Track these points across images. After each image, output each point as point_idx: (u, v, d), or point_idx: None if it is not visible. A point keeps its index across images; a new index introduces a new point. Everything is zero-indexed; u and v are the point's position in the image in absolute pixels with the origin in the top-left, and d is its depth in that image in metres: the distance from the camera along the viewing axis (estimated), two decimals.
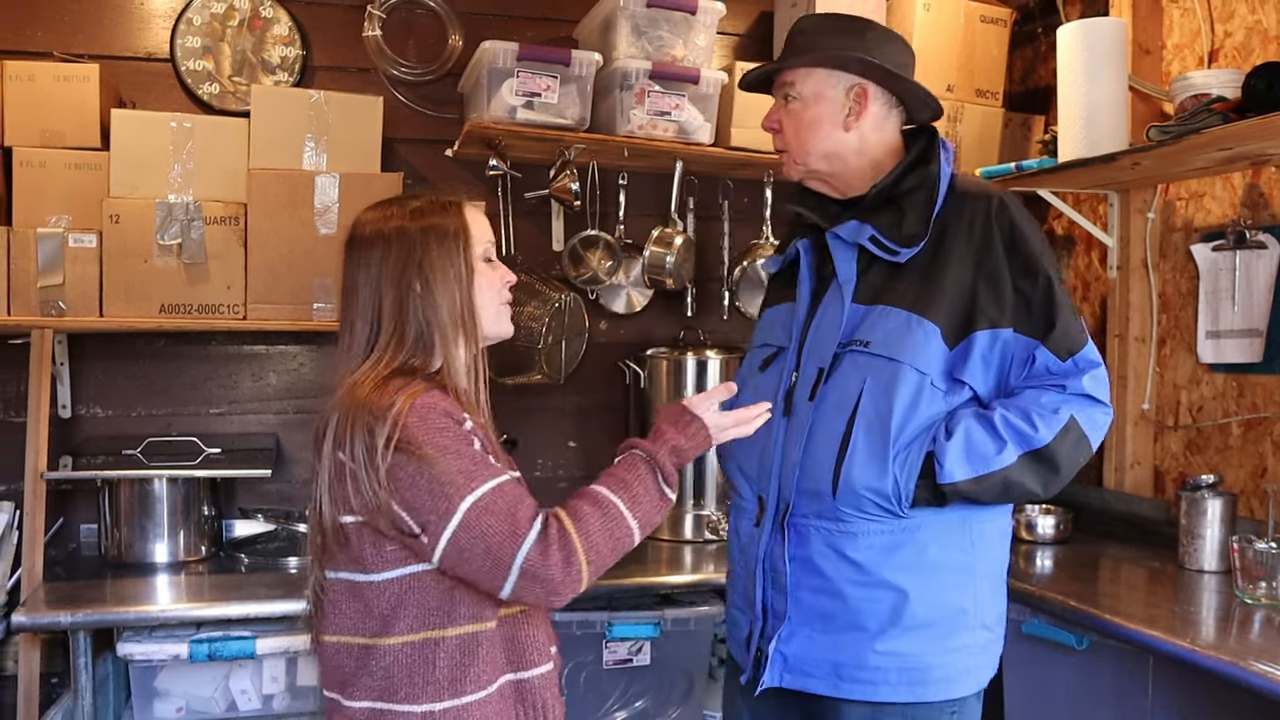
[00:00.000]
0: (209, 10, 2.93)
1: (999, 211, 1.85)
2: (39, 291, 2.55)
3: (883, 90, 1.92)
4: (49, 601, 2.34)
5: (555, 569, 1.50)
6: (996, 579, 1.91)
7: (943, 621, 1.82)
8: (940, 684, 1.82)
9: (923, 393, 1.80)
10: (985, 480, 1.77)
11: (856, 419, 1.80)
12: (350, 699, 1.61)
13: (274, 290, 2.67)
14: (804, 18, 2.01)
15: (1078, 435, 1.79)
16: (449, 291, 1.64)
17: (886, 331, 1.82)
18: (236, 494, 2.99)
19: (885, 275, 1.87)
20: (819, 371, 1.87)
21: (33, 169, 2.60)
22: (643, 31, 2.87)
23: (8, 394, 2.84)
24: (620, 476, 1.62)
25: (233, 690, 2.48)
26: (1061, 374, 1.80)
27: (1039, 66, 3.40)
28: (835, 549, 1.83)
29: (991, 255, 1.83)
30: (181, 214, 2.61)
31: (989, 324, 1.81)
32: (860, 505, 1.80)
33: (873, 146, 1.93)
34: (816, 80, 1.91)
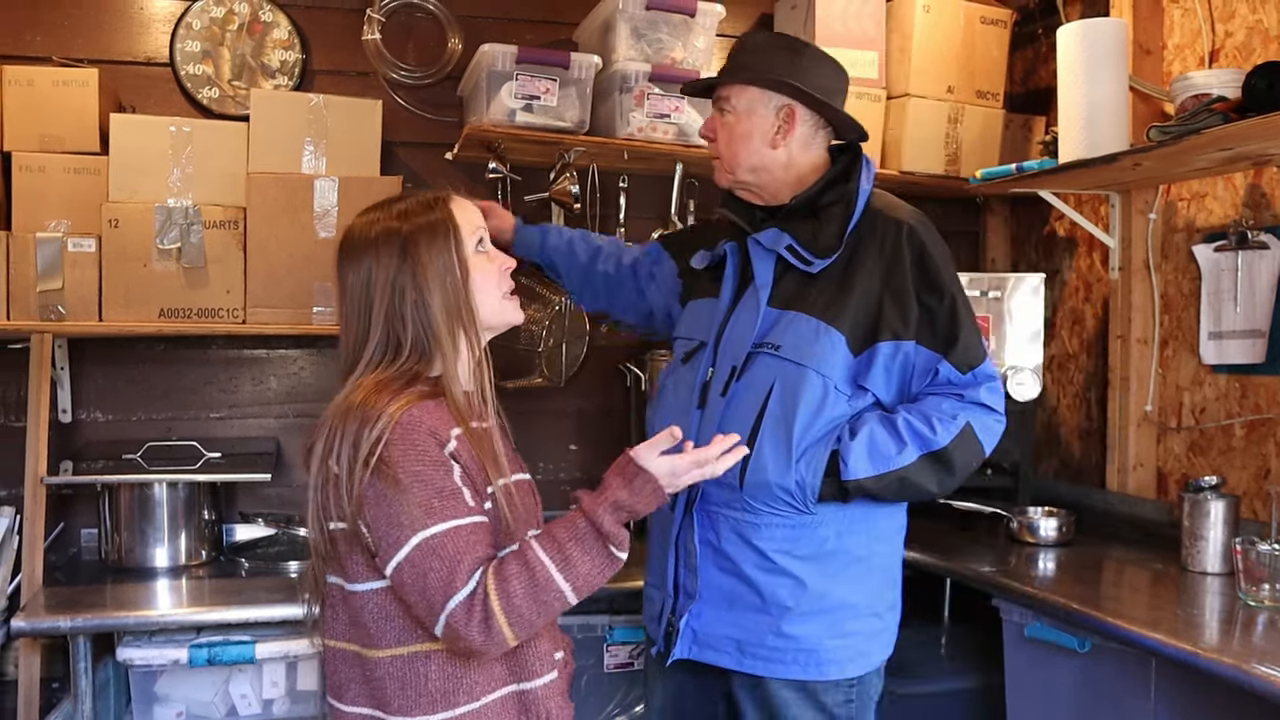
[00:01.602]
0: (208, 15, 2.93)
1: (910, 234, 1.99)
2: (38, 296, 2.55)
3: (810, 112, 2.06)
4: (49, 606, 2.33)
5: (475, 631, 1.48)
6: (891, 571, 2.08)
7: (838, 609, 1.98)
8: (835, 665, 1.98)
9: (827, 397, 1.94)
10: (886, 478, 1.92)
11: (764, 418, 1.94)
12: (347, 705, 1.61)
13: (274, 294, 2.67)
14: (748, 34, 2.16)
15: (972, 440, 1.95)
16: (442, 292, 1.62)
17: (796, 337, 1.96)
18: (237, 498, 2.99)
19: (799, 283, 2.01)
20: (732, 370, 2.01)
21: (32, 174, 2.59)
22: (642, 34, 2.87)
23: (7, 399, 2.83)
24: (555, 537, 1.55)
25: (233, 695, 2.48)
26: (961, 385, 1.96)
27: (1039, 67, 3.40)
28: (741, 536, 1.98)
29: (899, 273, 1.97)
30: (181, 218, 2.61)
31: (892, 336, 1.95)
32: (765, 498, 1.95)
33: (798, 162, 2.07)
34: (750, 98, 2.05)
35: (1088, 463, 3.21)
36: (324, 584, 1.64)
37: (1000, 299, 2.95)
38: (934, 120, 3.16)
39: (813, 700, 1.99)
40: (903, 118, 3.14)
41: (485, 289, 1.69)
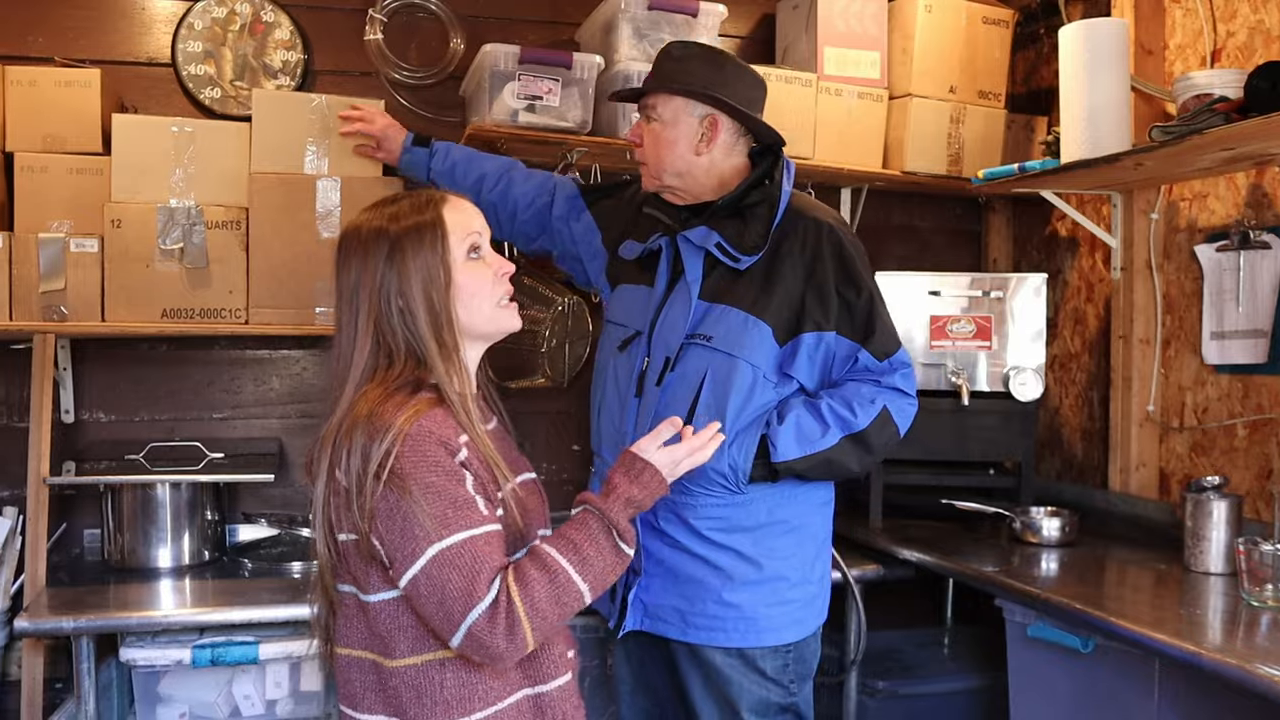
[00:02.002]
0: (210, 15, 2.93)
1: (829, 234, 2.14)
2: (41, 297, 2.55)
3: (732, 121, 2.19)
4: (52, 607, 2.33)
5: (500, 639, 1.47)
6: (821, 541, 2.25)
7: (774, 579, 2.14)
8: (772, 632, 2.14)
9: (756, 384, 2.10)
10: (812, 459, 2.08)
11: (698, 406, 2.09)
12: (362, 713, 1.60)
13: (276, 294, 2.67)
14: (673, 43, 2.27)
15: (888, 421, 2.12)
16: (425, 299, 1.58)
17: (726, 329, 2.11)
18: (240, 499, 2.99)
19: (727, 278, 2.15)
20: (666, 360, 2.15)
21: (34, 174, 2.59)
22: (644, 34, 2.86)
23: (10, 399, 2.84)
24: (570, 538, 1.56)
25: (236, 696, 2.48)
26: (878, 371, 2.13)
27: (1041, 67, 3.40)
28: (678, 515, 2.14)
29: (820, 269, 2.12)
30: (183, 218, 2.61)
31: (814, 327, 2.11)
32: (700, 481, 2.08)
33: (720, 167, 2.20)
34: (675, 107, 2.18)
35: (1090, 463, 3.21)
36: (334, 592, 1.63)
37: (1002, 299, 2.95)
38: (936, 120, 3.16)
39: (752, 666, 2.14)
40: (905, 118, 3.14)
41: (478, 297, 1.64)
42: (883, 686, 2.73)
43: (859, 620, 2.61)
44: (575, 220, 2.50)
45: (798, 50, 3.18)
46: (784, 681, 2.17)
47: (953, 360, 2.95)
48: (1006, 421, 2.95)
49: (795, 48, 3.20)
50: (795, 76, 3.03)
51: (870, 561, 2.70)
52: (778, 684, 2.17)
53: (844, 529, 2.90)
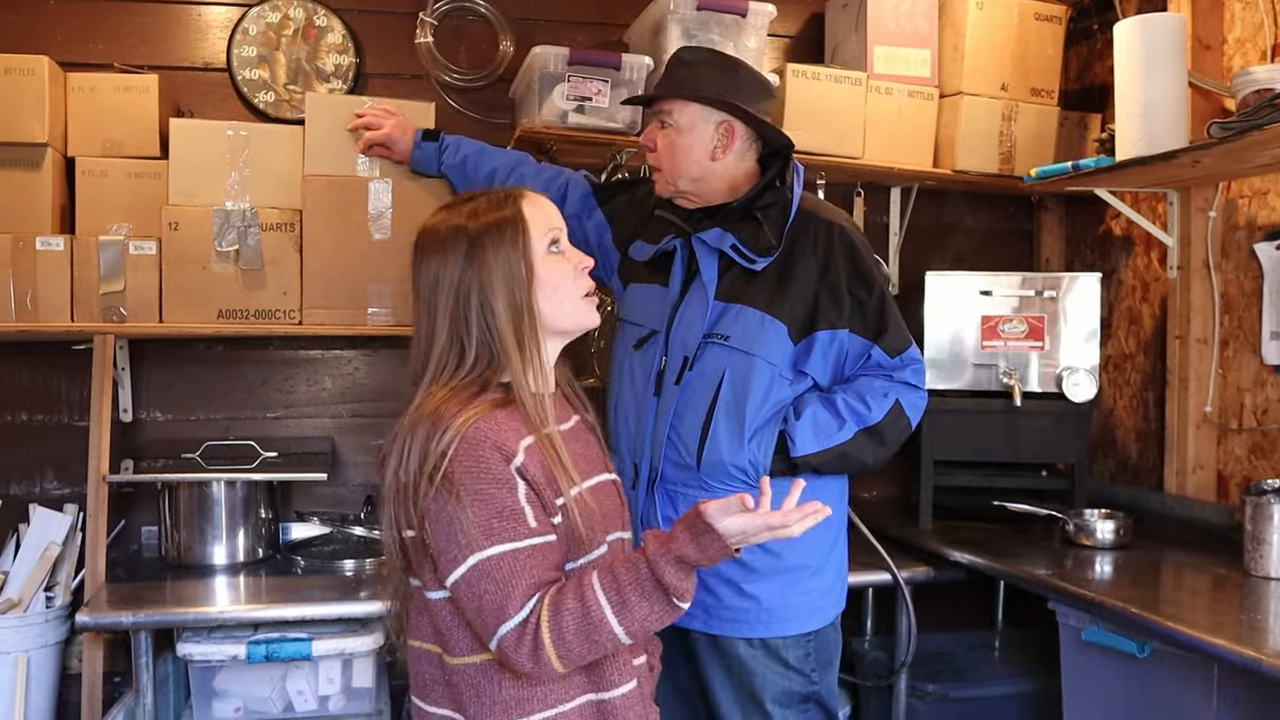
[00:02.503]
0: (264, 20, 2.98)
1: (841, 234, 2.19)
2: (101, 298, 2.60)
3: (746, 127, 2.22)
4: (111, 602, 2.38)
5: (524, 658, 1.47)
6: (838, 533, 2.29)
7: (792, 570, 2.18)
8: (794, 621, 2.19)
9: (773, 382, 2.15)
10: (829, 453, 2.14)
11: (718, 403, 2.14)
12: (430, 705, 1.62)
13: (329, 295, 2.70)
14: (686, 49, 2.32)
15: (900, 415, 2.18)
16: (507, 296, 1.57)
17: (744, 328, 2.15)
18: (293, 497, 3.03)
19: (743, 278, 2.19)
20: (684, 359, 2.19)
21: (95, 178, 2.65)
22: (693, 34, 2.86)
23: (71, 399, 2.90)
24: (617, 579, 1.49)
25: (289, 691, 2.51)
26: (890, 367, 2.18)
27: (1095, 64, 3.35)
28: None
29: (832, 269, 2.16)
30: (238, 221, 2.64)
31: (828, 325, 2.16)
32: (722, 476, 2.15)
33: (733, 172, 2.24)
34: (691, 113, 2.21)
35: (1145, 465, 3.16)
36: (405, 587, 1.64)
37: (1055, 299, 2.91)
38: (988, 118, 3.13)
39: (775, 656, 2.18)
40: (956, 116, 3.11)
41: (560, 290, 1.63)
42: (933, 689, 2.71)
43: (909, 622, 2.59)
44: (588, 218, 2.53)
45: (847, 49, 3.16)
46: (806, 670, 2.21)
47: (1005, 361, 2.92)
48: (1059, 423, 2.92)
49: (845, 47, 3.18)
50: (845, 75, 3.01)
51: (920, 563, 2.68)
52: (800, 673, 2.21)
53: (894, 530, 2.88)
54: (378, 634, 2.45)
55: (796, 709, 2.22)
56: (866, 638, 3.09)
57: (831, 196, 3.15)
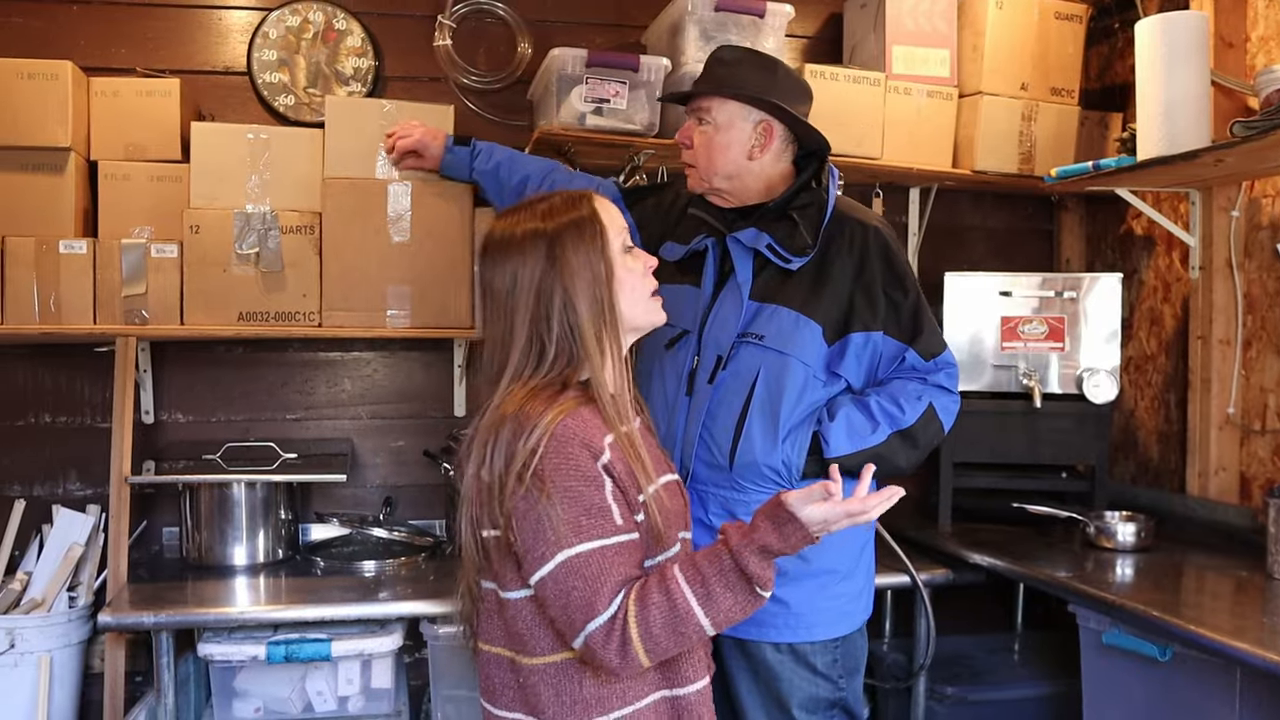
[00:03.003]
0: (284, 24, 2.99)
1: (876, 236, 2.18)
2: (123, 301, 2.62)
3: (784, 127, 2.22)
4: (133, 602, 2.40)
5: (612, 655, 1.48)
6: (866, 538, 2.26)
7: (823, 574, 2.16)
8: (822, 626, 2.17)
9: (808, 383, 2.13)
10: (862, 454, 2.08)
11: (752, 403, 2.12)
12: (500, 709, 1.62)
13: (349, 298, 2.71)
14: (724, 47, 2.31)
15: (933, 418, 2.16)
16: (589, 294, 1.59)
17: (778, 328, 2.14)
18: (312, 499, 3.04)
19: (778, 278, 2.17)
20: (718, 359, 2.17)
21: (117, 181, 2.67)
22: (711, 36, 2.86)
23: (94, 400, 2.92)
24: (701, 570, 1.51)
25: (309, 691, 2.52)
26: (924, 370, 2.17)
27: (1116, 63, 3.33)
28: (729, 512, 2.15)
29: (867, 271, 2.15)
30: (259, 223, 2.66)
31: (863, 327, 2.15)
32: (753, 477, 2.13)
33: (769, 172, 2.23)
34: (730, 111, 2.20)
35: (1166, 466, 3.14)
36: (477, 589, 1.65)
37: (1076, 299, 2.89)
38: (1007, 118, 3.12)
39: (803, 661, 2.16)
40: (975, 116, 3.09)
41: (633, 290, 1.66)
42: (952, 692, 2.70)
43: (928, 625, 2.58)
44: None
45: (866, 49, 3.15)
46: (833, 676, 2.19)
47: (1025, 362, 2.91)
48: (1080, 424, 2.90)
49: (863, 47, 3.17)
50: (864, 76, 3.01)
51: (939, 565, 2.67)
52: (827, 679, 2.18)
53: (913, 532, 2.87)
54: (396, 635, 2.46)
55: (823, 715, 2.20)
56: (885, 640, 3.08)
57: (850, 196, 3.13)
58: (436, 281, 2.73)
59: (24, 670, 2.57)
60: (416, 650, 2.82)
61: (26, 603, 2.63)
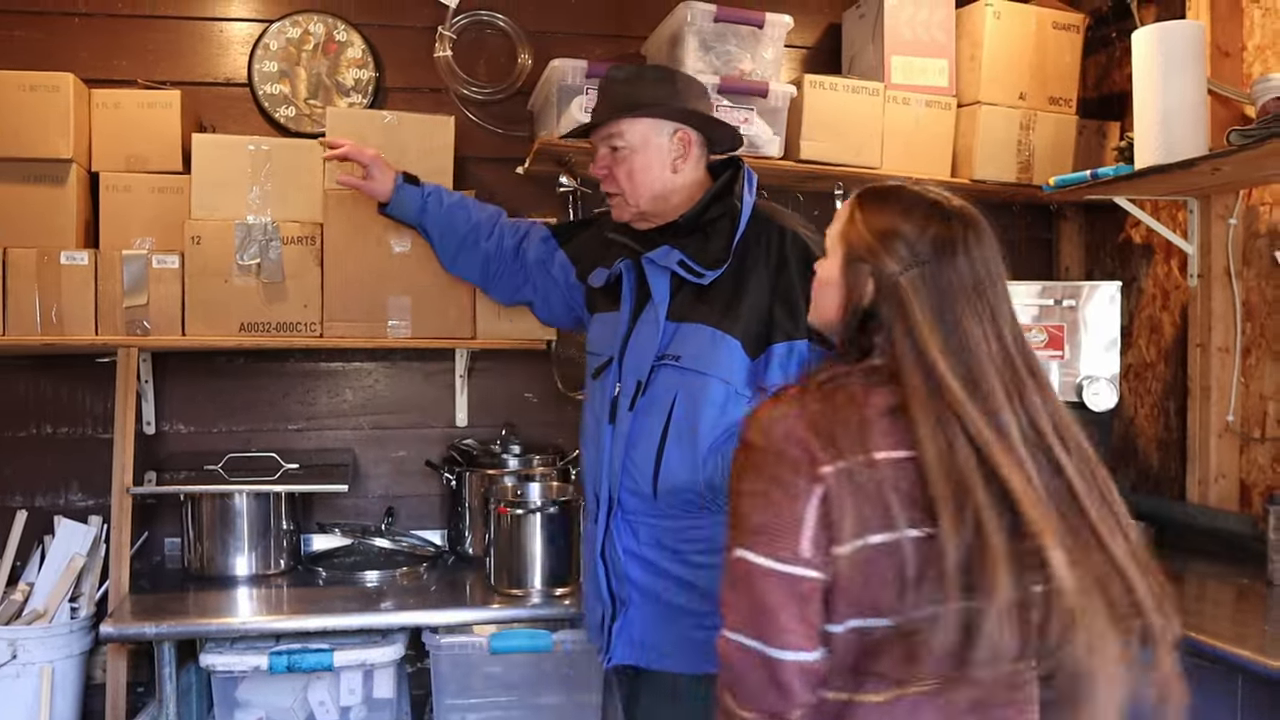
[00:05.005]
0: (285, 35, 3.00)
1: (794, 240, 2.08)
2: (124, 312, 2.63)
3: (698, 133, 2.18)
4: (135, 613, 2.40)
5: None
6: None
7: None
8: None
9: (729, 400, 2.03)
10: None
11: (670, 427, 2.04)
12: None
13: (350, 308, 2.72)
14: (614, 68, 2.26)
15: None
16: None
17: (696, 347, 2.05)
18: (314, 509, 3.04)
19: (694, 295, 2.10)
20: (637, 384, 2.10)
21: (118, 193, 2.68)
22: (710, 46, 2.87)
23: (95, 411, 2.92)
24: None
25: (311, 701, 2.53)
26: None
27: (1113, 72, 3.34)
28: (659, 541, 2.07)
29: (785, 277, 2.05)
30: (260, 234, 2.67)
31: (785, 337, 2.04)
32: (680, 503, 2.04)
33: (689, 182, 2.18)
34: (643, 129, 2.15)
35: (1166, 474, 3.14)
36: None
37: (1075, 308, 2.90)
38: (1005, 127, 3.13)
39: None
40: (974, 125, 3.11)
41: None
42: None
43: None
44: (552, 262, 2.48)
45: (864, 59, 3.17)
46: None
47: None
48: None
49: (862, 57, 3.19)
50: (862, 86, 3.02)
51: None
52: None
53: None
54: (399, 645, 2.46)
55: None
56: None
57: None
58: (438, 292, 2.74)
59: (26, 681, 2.56)
60: (419, 660, 2.81)
61: (28, 613, 2.63)
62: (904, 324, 1.38)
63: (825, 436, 1.32)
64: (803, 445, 1.32)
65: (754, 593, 1.32)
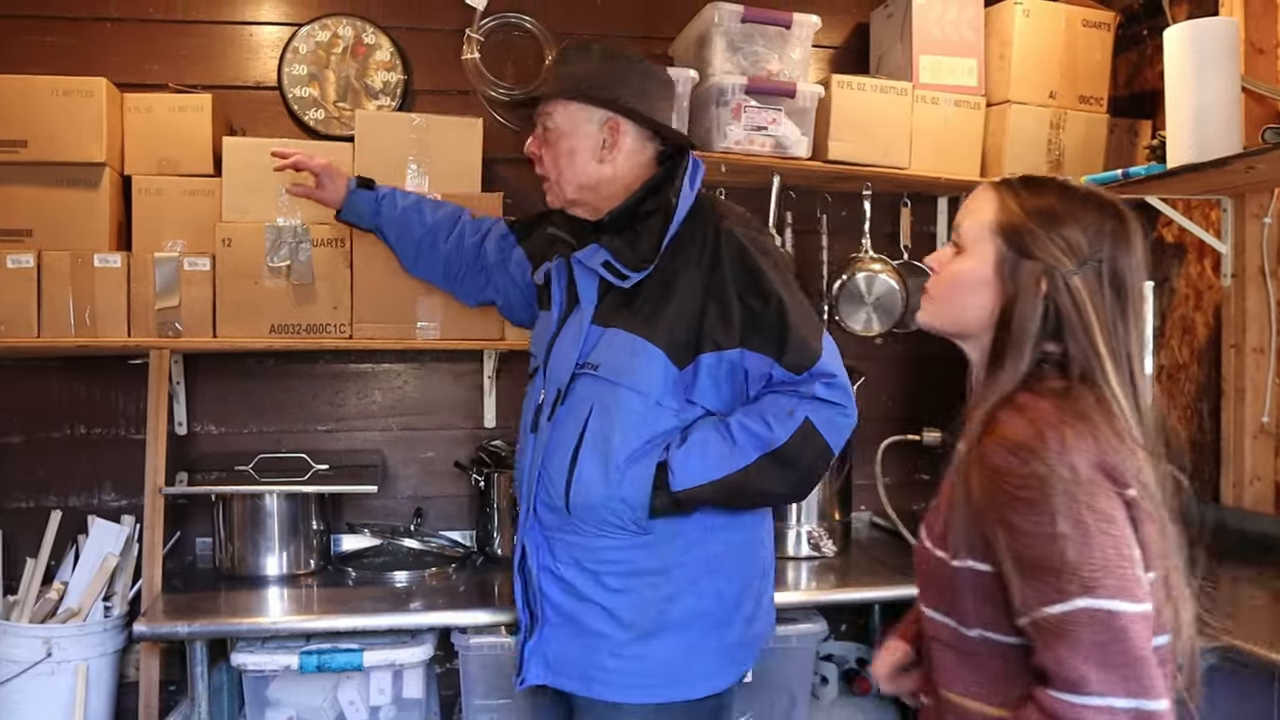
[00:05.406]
0: (314, 39, 3.02)
1: (729, 239, 1.92)
2: (156, 314, 2.65)
3: (636, 125, 2.01)
4: (168, 612, 2.42)
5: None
6: (747, 583, 2.01)
7: (688, 624, 1.93)
8: (686, 685, 1.93)
9: (648, 414, 1.91)
10: (721, 484, 1.86)
11: (584, 439, 1.92)
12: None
13: (379, 310, 2.73)
14: (567, 48, 2.13)
15: (813, 436, 1.86)
16: None
17: (614, 355, 1.93)
18: (343, 509, 3.06)
19: (621, 298, 1.96)
20: (558, 392, 1.99)
21: (151, 196, 2.70)
22: (738, 47, 2.87)
23: (128, 412, 2.95)
24: None
25: (341, 701, 2.54)
26: (796, 383, 1.88)
27: (1145, 70, 3.31)
28: (575, 560, 1.97)
29: (718, 279, 1.90)
30: (290, 237, 2.68)
31: (714, 346, 1.90)
32: (592, 520, 1.93)
33: (626, 175, 2.02)
34: (572, 114, 2.01)
35: (1200, 476, 3.11)
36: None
37: None
38: (1035, 127, 3.10)
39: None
40: (1003, 125, 3.08)
41: None
42: None
43: None
44: (511, 261, 2.40)
45: (892, 59, 3.15)
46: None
47: None
48: None
49: (890, 57, 3.17)
50: (890, 86, 3.00)
51: None
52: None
53: None
54: (428, 645, 2.47)
55: None
56: None
57: (877, 207, 3.14)
58: None
59: (61, 679, 2.59)
60: (448, 660, 2.82)
61: (63, 612, 2.66)
62: (1083, 329, 1.32)
63: (1114, 457, 1.27)
64: (1106, 469, 1.26)
65: (1124, 645, 1.20)
